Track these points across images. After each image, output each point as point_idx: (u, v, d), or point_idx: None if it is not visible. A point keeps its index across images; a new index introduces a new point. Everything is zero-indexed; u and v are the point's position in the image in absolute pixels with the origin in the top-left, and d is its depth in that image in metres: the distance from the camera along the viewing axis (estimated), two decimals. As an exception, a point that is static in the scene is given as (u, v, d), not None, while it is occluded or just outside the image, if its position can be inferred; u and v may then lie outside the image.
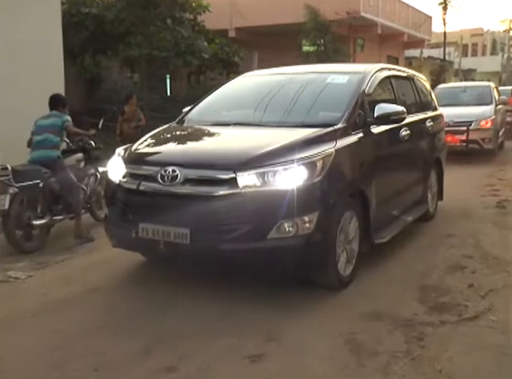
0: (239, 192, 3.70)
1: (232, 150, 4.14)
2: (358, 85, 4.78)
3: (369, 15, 21.54)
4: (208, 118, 5.00)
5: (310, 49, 19.61)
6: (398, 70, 6.03)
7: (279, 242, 3.71)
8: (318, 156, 3.88)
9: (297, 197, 3.70)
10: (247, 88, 5.52)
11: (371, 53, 22.88)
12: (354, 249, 4.34)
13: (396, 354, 3.22)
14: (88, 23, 12.91)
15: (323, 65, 5.90)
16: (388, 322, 3.63)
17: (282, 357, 3.20)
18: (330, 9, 19.02)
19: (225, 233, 3.72)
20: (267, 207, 3.71)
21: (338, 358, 3.19)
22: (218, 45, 15.10)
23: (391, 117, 4.68)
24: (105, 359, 3.22)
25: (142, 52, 12.40)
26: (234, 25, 21.15)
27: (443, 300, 4.00)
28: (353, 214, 4.26)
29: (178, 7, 13.44)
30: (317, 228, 3.78)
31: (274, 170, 3.74)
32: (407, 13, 26.20)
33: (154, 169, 3.98)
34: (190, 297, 4.09)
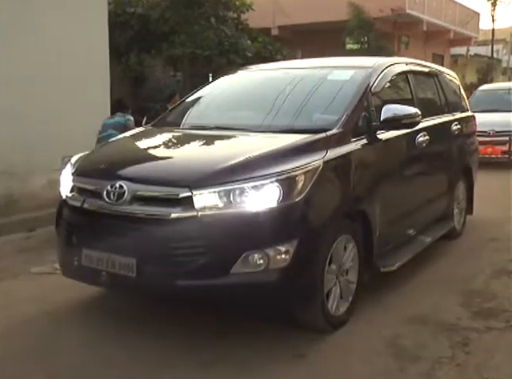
0: (195, 215, 3.00)
1: (191, 162, 3.48)
2: (364, 82, 4.03)
3: (414, 12, 21.15)
4: (188, 120, 4.41)
5: (354, 47, 19.42)
6: (417, 65, 5.21)
7: (245, 278, 3.03)
8: (298, 170, 3.15)
9: (269, 221, 3.05)
10: (239, 85, 4.88)
11: (416, 51, 22.45)
12: (352, 281, 3.64)
13: (440, 359, 3.16)
14: (133, 23, 13.11)
15: (328, 58, 5.18)
16: (431, 326, 3.57)
17: (324, 358, 3.18)
18: (374, 7, 18.78)
19: (177, 265, 3.04)
20: (230, 234, 3.03)
21: (380, 362, 3.15)
22: (261, 43, 15.10)
23: (402, 121, 3.91)
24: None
25: (185, 51, 12.52)
26: (277, 23, 21.12)
27: (489, 305, 3.91)
28: (349, 239, 3.54)
29: (222, 6, 13.51)
30: (295, 260, 3.07)
31: (240, 188, 3.04)
32: (454, 10, 25.61)
33: (100, 184, 3.33)
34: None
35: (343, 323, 3.53)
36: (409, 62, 4.99)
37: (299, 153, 3.31)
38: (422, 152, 4.56)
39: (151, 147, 4.02)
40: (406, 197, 4.33)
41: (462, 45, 28.63)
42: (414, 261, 4.43)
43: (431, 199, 4.87)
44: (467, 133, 5.87)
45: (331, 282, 3.42)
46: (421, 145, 4.49)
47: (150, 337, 3.44)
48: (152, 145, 4.06)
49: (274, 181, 3.06)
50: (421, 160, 4.61)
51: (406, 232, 4.45)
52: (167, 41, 12.95)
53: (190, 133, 4.13)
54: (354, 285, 3.65)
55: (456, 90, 6.08)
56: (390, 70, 4.41)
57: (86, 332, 3.56)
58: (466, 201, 5.85)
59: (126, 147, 4.12)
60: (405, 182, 4.29)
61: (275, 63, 5.65)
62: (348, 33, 19.33)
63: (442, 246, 5.18)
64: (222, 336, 3.44)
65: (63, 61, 7.18)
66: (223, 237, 3.03)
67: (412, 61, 5.19)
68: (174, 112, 4.68)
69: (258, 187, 3.04)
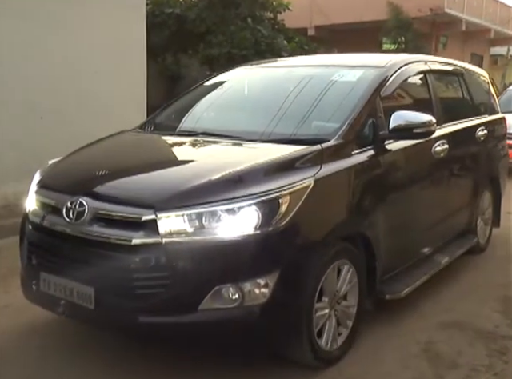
0: (159, 241, 2.59)
1: (160, 178, 3.01)
2: (372, 84, 3.51)
3: (453, 11, 20.78)
4: (175, 123, 3.94)
5: (391, 47, 19.22)
6: (440, 63, 4.61)
7: (216, 315, 2.62)
8: (283, 190, 2.69)
9: (245, 251, 2.61)
10: (234, 85, 4.37)
11: (454, 51, 22.05)
12: (351, 311, 3.20)
13: (477, 367, 3.10)
14: (171, 23, 13.24)
15: (336, 55, 4.66)
16: (468, 333, 3.50)
17: (358, 362, 3.14)
18: (413, 6, 18.53)
19: (139, 299, 2.63)
20: (199, 265, 2.62)
21: (416, 367, 3.10)
22: (297, 43, 15.05)
23: (413, 130, 3.37)
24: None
25: (221, 51, 12.58)
26: (314, 23, 21.04)
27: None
28: (346, 264, 3.10)
29: (259, 6, 13.53)
30: (276, 295, 2.64)
31: (212, 211, 2.60)
32: (495, 9, 25.05)
33: (61, 199, 2.92)
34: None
35: (339, 357, 3.11)
36: (429, 60, 4.41)
37: (287, 170, 2.86)
38: (440, 162, 4.01)
39: (124, 156, 3.54)
40: (420, 213, 3.80)
41: (503, 44, 27.96)
42: (446, 269, 4.31)
43: (451, 213, 4.33)
44: (495, 137, 5.28)
45: (323, 318, 2.99)
46: (438, 155, 3.96)
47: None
48: (126, 153, 3.60)
49: (252, 205, 2.62)
50: (438, 171, 4.05)
51: (419, 251, 3.96)
52: (204, 41, 13.05)
53: (172, 139, 3.68)
54: (355, 308, 3.22)
55: (485, 90, 5.52)
56: (406, 70, 3.87)
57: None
58: (493, 212, 5.26)
59: (97, 155, 3.59)
60: (419, 197, 3.75)
61: (278, 59, 5.19)
62: (385, 33, 19.13)
63: (470, 259, 4.91)
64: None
65: (100, 59, 7.29)
66: (191, 267, 2.63)
67: (433, 58, 4.72)
68: (163, 113, 4.21)
69: (234, 211, 2.61)
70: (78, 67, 6.95)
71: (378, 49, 18.93)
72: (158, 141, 3.77)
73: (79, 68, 6.96)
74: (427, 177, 3.91)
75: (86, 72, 7.06)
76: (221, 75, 4.53)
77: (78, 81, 6.94)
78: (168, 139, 3.71)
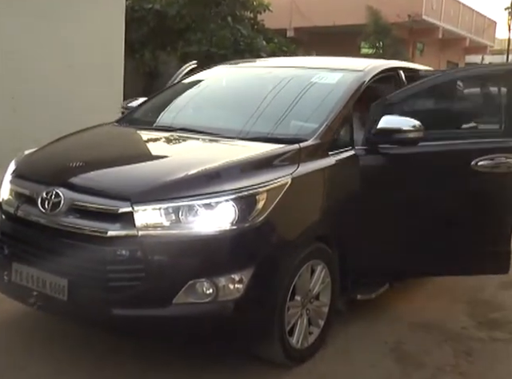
0: (135, 234, 2.59)
1: (138, 170, 3.01)
2: (351, 87, 3.52)
3: (431, 19, 21.15)
4: (153, 119, 3.93)
5: (369, 51, 19.43)
6: (417, 70, 4.40)
7: (190, 309, 2.63)
8: (260, 187, 2.72)
9: (220, 246, 2.64)
10: (214, 83, 4.36)
11: (431, 58, 22.40)
12: (323, 310, 3.22)
13: (444, 367, 3.16)
14: (150, 19, 13.18)
15: (316, 58, 4.78)
16: (436, 334, 3.56)
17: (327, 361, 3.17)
18: (392, 12, 18.79)
19: (113, 291, 2.62)
20: (175, 258, 2.63)
21: (384, 366, 3.15)
22: (276, 44, 15.12)
23: (395, 136, 3.30)
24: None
25: (201, 49, 12.57)
26: (294, 25, 21.17)
27: (494, 316, 3.90)
28: (320, 264, 3.12)
29: (239, 5, 13.57)
30: (250, 291, 2.65)
31: (189, 205, 2.62)
32: (471, 18, 25.54)
33: (36, 189, 2.88)
34: None
35: (310, 356, 3.14)
36: (407, 67, 4.34)
37: (265, 167, 2.88)
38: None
39: (102, 149, 3.52)
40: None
41: (477, 53, 28.52)
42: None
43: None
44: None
45: (295, 316, 3.01)
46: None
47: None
48: (104, 146, 3.58)
49: (230, 200, 2.63)
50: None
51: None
52: (183, 39, 13.02)
53: (150, 134, 3.65)
54: (327, 307, 3.23)
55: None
56: (384, 75, 3.87)
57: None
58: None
59: (75, 146, 3.57)
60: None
61: (258, 59, 5.24)
62: (364, 37, 19.35)
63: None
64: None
65: (77, 54, 7.23)
66: (166, 261, 2.63)
67: (411, 65, 4.66)
68: (142, 108, 4.17)
69: (211, 205, 2.62)
70: (52, 61, 6.85)
71: (356, 53, 19.11)
72: (136, 135, 3.75)
73: (53, 61, 6.86)
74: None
75: (59, 66, 6.97)
76: (201, 73, 4.51)
77: (52, 74, 6.84)
78: (146, 134, 3.70)
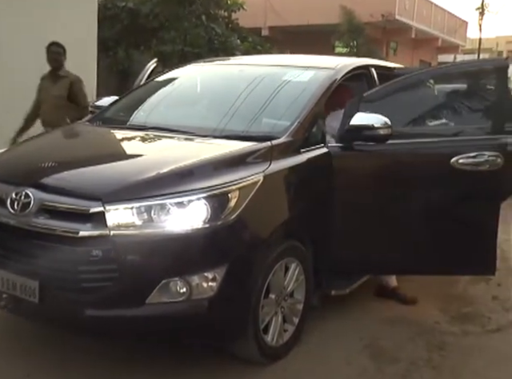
0: (106, 234, 2.57)
1: (109, 170, 2.98)
2: (323, 85, 3.53)
3: (403, 18, 21.40)
4: (125, 117, 3.89)
5: (343, 50, 19.58)
6: (389, 68, 4.48)
7: (163, 309, 2.63)
8: (232, 185, 2.72)
9: (193, 244, 2.63)
10: (186, 81, 4.36)
11: (404, 57, 22.67)
12: (297, 308, 3.24)
13: (417, 361, 3.20)
14: (123, 17, 13.06)
15: (288, 56, 4.70)
16: (410, 329, 3.60)
17: (302, 359, 3.18)
18: (365, 12, 18.97)
19: (85, 292, 2.59)
20: (148, 258, 2.61)
21: (358, 363, 3.17)
22: (250, 43, 15.13)
23: (364, 132, 3.29)
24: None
25: (175, 48, 12.50)
26: (268, 23, 21.21)
27: (466, 310, 3.96)
28: (294, 262, 3.13)
29: (213, 4, 13.53)
30: (223, 289, 2.65)
31: (161, 204, 2.60)
32: (443, 18, 25.93)
33: (5, 189, 2.81)
34: None
35: (285, 353, 3.15)
36: (379, 65, 4.39)
37: (237, 165, 2.88)
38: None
39: (73, 149, 3.49)
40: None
41: (450, 52, 28.94)
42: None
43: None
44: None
45: (269, 314, 3.02)
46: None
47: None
48: (74, 146, 3.54)
49: (202, 198, 2.63)
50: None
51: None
52: (157, 37, 12.94)
53: (122, 133, 3.61)
54: (302, 305, 3.25)
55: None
56: (356, 72, 3.90)
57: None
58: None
59: (44, 147, 3.51)
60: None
61: (231, 58, 5.25)
62: (338, 36, 19.50)
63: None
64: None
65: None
66: (139, 260, 2.61)
67: (383, 63, 4.71)
68: (114, 107, 4.11)
69: (183, 204, 2.61)
70: (24, 59, 6.75)
71: (330, 52, 19.24)
72: (107, 134, 3.70)
73: (24, 60, 6.75)
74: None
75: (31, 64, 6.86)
76: (174, 71, 4.48)
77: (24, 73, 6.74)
78: (118, 133, 3.65)
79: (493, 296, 4.24)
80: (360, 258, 3.54)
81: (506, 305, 4.08)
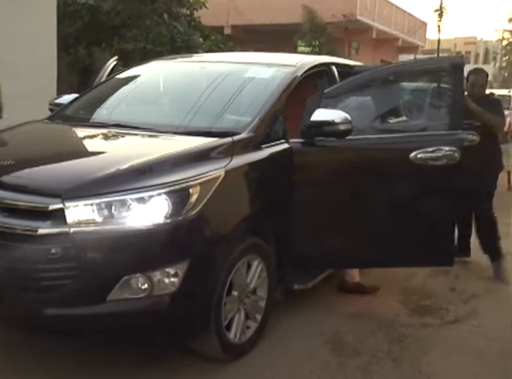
0: (66, 231, 2.53)
1: (68, 167, 2.94)
2: (284, 81, 3.56)
3: (365, 19, 21.66)
4: (86, 115, 3.85)
5: (305, 49, 19.71)
6: (349, 65, 4.54)
7: (125, 306, 2.61)
8: (193, 180, 2.71)
9: (155, 240, 2.62)
10: (147, 78, 4.31)
11: (365, 57, 22.94)
12: (260, 304, 3.25)
13: (377, 354, 3.26)
14: (83, 13, 12.85)
15: (250, 53, 4.77)
16: (371, 322, 3.66)
17: (265, 355, 3.19)
18: (327, 11, 19.14)
19: (45, 291, 2.56)
20: (108, 254, 2.59)
21: (320, 357, 3.20)
22: (213, 41, 15.08)
23: (326, 128, 3.31)
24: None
25: (137, 45, 12.36)
26: (231, 22, 21.19)
27: (426, 303, 4.05)
28: (256, 259, 3.15)
29: (175, 2, 13.42)
30: (185, 284, 2.65)
31: (122, 200, 2.58)
32: (403, 19, 26.38)
33: None
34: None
35: (247, 350, 3.16)
36: (340, 63, 4.42)
37: (198, 161, 2.88)
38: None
39: (32, 146, 3.42)
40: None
41: (410, 53, 29.43)
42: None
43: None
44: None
45: (232, 311, 3.03)
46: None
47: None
48: (33, 143, 3.48)
49: (163, 194, 2.62)
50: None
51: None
52: (118, 35, 12.77)
53: (83, 131, 3.58)
54: (264, 301, 3.26)
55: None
56: (316, 70, 3.95)
57: None
58: None
59: (3, 144, 3.47)
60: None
61: (193, 55, 5.31)
62: (300, 36, 19.62)
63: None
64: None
65: (7, 50, 6.97)
66: (100, 257, 2.58)
67: (345, 61, 4.78)
68: (74, 105, 4.06)
69: (144, 200, 2.60)
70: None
71: (293, 51, 19.35)
72: (67, 131, 3.67)
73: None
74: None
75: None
76: (135, 68, 4.45)
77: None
78: (79, 130, 3.62)
79: (451, 288, 4.36)
80: (322, 253, 3.58)
81: (464, 296, 4.20)
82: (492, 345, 3.44)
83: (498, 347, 3.41)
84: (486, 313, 3.91)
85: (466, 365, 3.20)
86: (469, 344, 3.46)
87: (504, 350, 3.36)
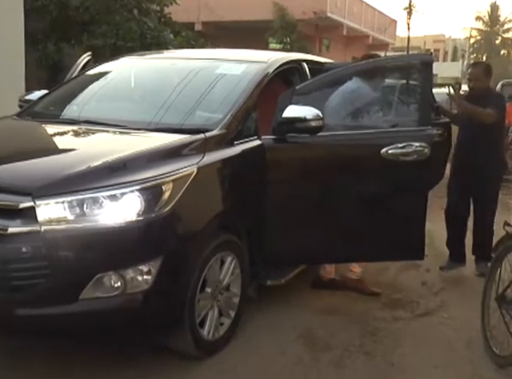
0: (37, 230, 2.49)
1: (39, 164, 2.88)
2: (255, 78, 3.55)
3: (335, 16, 21.80)
4: (57, 111, 3.83)
5: (277, 46, 19.75)
6: (320, 63, 4.58)
7: (98, 304, 2.58)
8: (166, 177, 2.70)
9: (127, 237, 2.60)
10: (118, 75, 4.28)
11: (337, 54, 23.10)
12: (233, 301, 3.25)
13: (349, 348, 3.29)
14: (52, 9, 12.63)
15: (219, 50, 4.79)
16: (343, 317, 3.69)
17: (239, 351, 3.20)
18: (298, 8, 19.21)
19: (16, 291, 2.52)
20: (81, 253, 2.56)
21: (293, 352, 3.22)
22: (184, 38, 14.98)
23: (298, 125, 3.32)
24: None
25: (107, 42, 12.22)
26: (201, 19, 21.08)
27: (397, 296, 4.10)
28: (230, 255, 3.15)
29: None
30: (159, 282, 2.64)
31: (94, 197, 2.56)
32: (373, 16, 26.62)
33: None
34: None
35: (221, 346, 3.16)
36: (311, 60, 4.43)
37: (170, 157, 2.87)
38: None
39: (1, 143, 3.33)
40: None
41: (380, 50, 29.65)
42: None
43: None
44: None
45: (205, 308, 3.02)
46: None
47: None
48: (3, 140, 3.39)
49: (135, 191, 2.60)
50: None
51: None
52: (88, 31, 12.60)
53: (53, 127, 3.52)
54: (238, 298, 3.27)
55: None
56: (287, 66, 3.94)
57: None
58: None
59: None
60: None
61: (165, 51, 5.30)
62: (271, 33, 19.65)
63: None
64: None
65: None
66: (72, 256, 2.56)
67: (316, 58, 4.80)
68: (44, 101, 3.99)
69: (116, 197, 2.58)
70: None
71: (265, 48, 19.36)
72: (37, 128, 3.60)
73: None
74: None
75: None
76: (106, 64, 4.41)
77: None
78: (49, 127, 3.57)
79: (422, 281, 4.43)
80: (295, 249, 3.60)
81: (434, 289, 4.28)
82: (461, 335, 3.51)
83: (467, 338, 3.48)
84: (456, 305, 3.99)
85: (437, 357, 3.26)
86: (439, 335, 3.52)
87: (472, 341, 3.43)
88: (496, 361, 3.15)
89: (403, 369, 3.11)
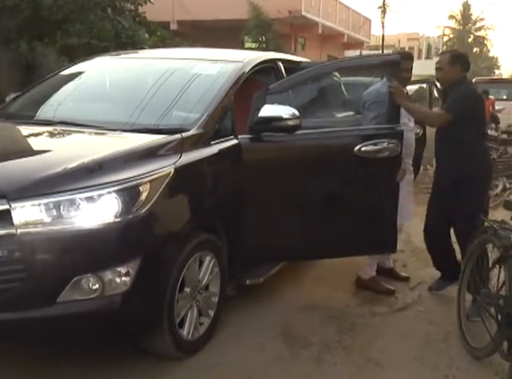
0: (13, 233, 2.46)
1: (13, 167, 2.80)
2: (231, 77, 3.56)
3: (310, 15, 21.89)
4: (30, 113, 3.76)
5: (252, 45, 19.79)
6: (296, 62, 4.63)
7: (76, 307, 2.56)
8: (143, 178, 2.69)
9: (105, 239, 2.58)
10: (93, 75, 4.24)
11: (312, 52, 23.21)
12: (213, 300, 3.25)
13: (328, 344, 3.32)
14: (24, 7, 12.46)
15: (194, 49, 4.84)
16: (322, 314, 3.72)
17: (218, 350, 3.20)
18: (273, 8, 19.25)
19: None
20: (58, 255, 2.54)
21: (273, 349, 3.24)
22: (159, 37, 14.90)
23: (275, 124, 3.34)
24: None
25: (81, 41, 12.10)
26: (176, 18, 20.99)
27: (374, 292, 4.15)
28: (208, 255, 3.14)
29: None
30: (137, 283, 2.63)
31: (71, 199, 2.53)
32: (347, 15, 26.81)
33: None
34: None
35: (200, 346, 3.15)
36: (286, 59, 4.45)
37: (147, 158, 2.86)
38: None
39: None
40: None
41: (355, 48, 29.98)
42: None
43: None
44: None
45: (185, 308, 3.02)
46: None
47: None
48: None
49: (112, 192, 2.58)
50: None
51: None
52: (61, 30, 12.45)
53: (27, 129, 3.46)
54: (217, 297, 3.27)
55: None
56: (264, 66, 3.97)
57: None
58: None
59: None
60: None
61: (140, 51, 5.28)
62: (247, 32, 19.68)
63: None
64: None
65: None
66: (49, 259, 2.53)
67: (291, 58, 4.83)
68: (18, 101, 3.95)
69: (93, 198, 2.56)
70: None
71: (240, 47, 19.37)
72: (11, 130, 3.54)
73: None
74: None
75: None
76: (80, 64, 4.36)
77: None
78: (23, 128, 3.51)
79: (399, 276, 4.48)
80: (273, 247, 3.62)
81: (411, 284, 4.34)
82: (438, 329, 3.57)
83: (444, 331, 3.54)
84: (432, 299, 4.06)
85: (415, 350, 3.31)
86: (416, 329, 3.58)
87: (448, 334, 3.49)
88: (471, 352, 3.21)
89: (381, 363, 3.15)
